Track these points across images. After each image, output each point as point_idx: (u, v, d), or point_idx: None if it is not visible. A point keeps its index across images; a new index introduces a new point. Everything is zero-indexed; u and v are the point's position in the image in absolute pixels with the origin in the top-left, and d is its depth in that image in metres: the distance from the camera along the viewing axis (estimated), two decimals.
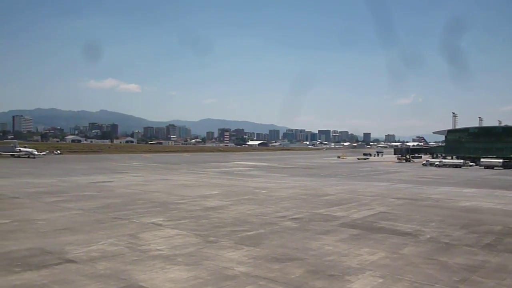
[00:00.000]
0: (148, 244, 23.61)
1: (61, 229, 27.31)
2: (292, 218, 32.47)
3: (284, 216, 33.32)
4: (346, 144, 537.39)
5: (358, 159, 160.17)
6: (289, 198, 45.06)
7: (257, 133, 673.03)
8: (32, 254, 21.12)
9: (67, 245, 22.98)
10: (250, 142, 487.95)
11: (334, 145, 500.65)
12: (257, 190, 51.68)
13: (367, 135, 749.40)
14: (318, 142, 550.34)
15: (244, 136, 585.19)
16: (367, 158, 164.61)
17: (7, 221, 29.99)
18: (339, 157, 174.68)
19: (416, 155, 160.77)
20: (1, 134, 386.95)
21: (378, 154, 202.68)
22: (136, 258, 20.62)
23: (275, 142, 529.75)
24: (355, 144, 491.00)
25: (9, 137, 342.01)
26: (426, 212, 36.54)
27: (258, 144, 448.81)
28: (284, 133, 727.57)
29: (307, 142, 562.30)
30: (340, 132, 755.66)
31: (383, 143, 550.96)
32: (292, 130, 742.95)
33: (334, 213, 35.27)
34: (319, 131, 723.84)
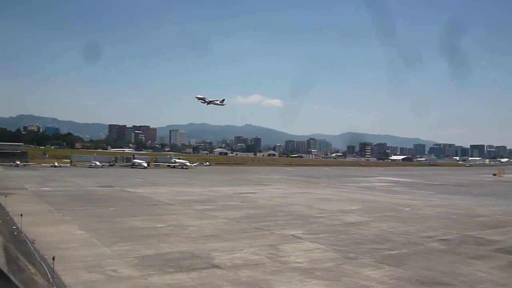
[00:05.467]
0: (287, 256, 23.98)
1: (208, 236, 29.26)
2: (440, 239, 30.17)
3: (431, 237, 31.14)
4: (503, 160, 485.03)
5: None
6: (436, 217, 42.01)
7: (400, 148, 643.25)
8: (183, 257, 22.95)
9: (213, 251, 24.49)
10: (393, 157, 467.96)
11: (489, 161, 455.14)
12: (400, 207, 49.23)
13: None
14: (469, 158, 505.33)
15: (387, 151, 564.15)
16: None
17: (163, 225, 33.17)
18: (495, 174, 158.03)
19: None
20: (160, 146, 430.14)
21: None
22: (276, 269, 21.08)
23: (421, 157, 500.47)
24: None
25: (166, 149, 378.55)
26: None
27: (402, 159, 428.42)
28: (430, 148, 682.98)
29: (457, 158, 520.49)
30: (496, 147, 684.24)
31: None
32: (439, 144, 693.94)
33: (489, 237, 31.87)
34: (471, 145, 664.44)
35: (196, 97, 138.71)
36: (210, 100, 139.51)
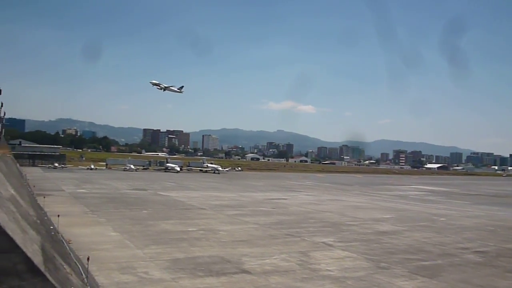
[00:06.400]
0: (318, 263, 23.79)
1: (239, 241, 29.35)
2: (476, 251, 29.29)
3: (466, 248, 30.25)
4: None
5: None
6: (473, 228, 40.81)
7: (436, 156, 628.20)
8: (213, 261, 23.10)
9: (243, 256, 24.55)
10: (428, 165, 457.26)
11: None
12: (435, 217, 48.07)
13: None
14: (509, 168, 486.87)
15: (422, 159, 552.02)
16: None
17: (194, 229, 33.49)
18: None
19: None
20: (193, 151, 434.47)
21: None
22: (306, 276, 20.94)
23: (457, 166, 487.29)
24: None
25: (199, 154, 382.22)
26: None
27: (437, 168, 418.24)
28: (467, 157, 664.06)
29: (495, 167, 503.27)
30: None
31: None
32: (477, 153, 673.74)
33: None
34: (510, 155, 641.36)
35: (150, 83, 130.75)
36: (166, 86, 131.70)
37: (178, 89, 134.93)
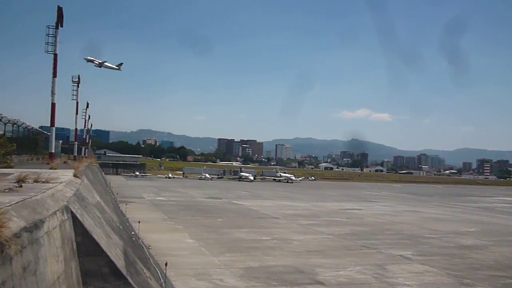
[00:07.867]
0: (395, 277, 22.90)
1: (312, 251, 29.05)
2: None
3: None
4: None
5: None
6: None
7: None
8: (287, 271, 23.02)
9: (317, 267, 24.23)
10: None
11: None
12: None
13: None
14: None
15: (509, 169, 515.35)
16: None
17: (268, 238, 33.64)
18: None
19: None
20: (266, 160, 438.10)
21: None
22: None
23: None
24: None
25: (272, 163, 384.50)
26: None
27: None
28: None
29: None
30: None
31: None
32: None
33: None
34: None
35: (85, 59, 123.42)
36: (101, 61, 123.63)
37: (116, 66, 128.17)
